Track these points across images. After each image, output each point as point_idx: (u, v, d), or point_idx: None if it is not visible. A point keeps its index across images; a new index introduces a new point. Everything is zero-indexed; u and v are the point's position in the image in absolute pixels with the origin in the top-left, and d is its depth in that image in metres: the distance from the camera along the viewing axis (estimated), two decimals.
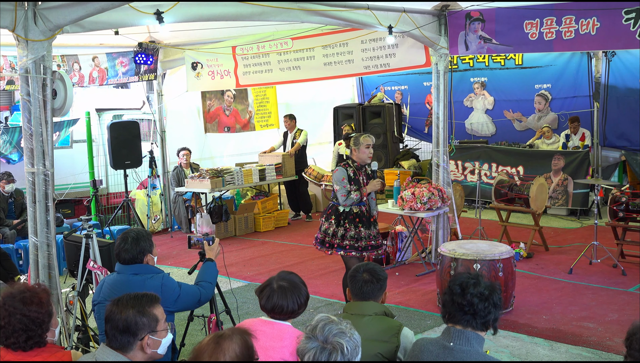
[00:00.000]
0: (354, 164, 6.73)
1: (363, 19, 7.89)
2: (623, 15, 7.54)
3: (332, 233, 6.70)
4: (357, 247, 6.63)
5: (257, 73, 11.01)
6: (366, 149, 6.65)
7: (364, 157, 6.69)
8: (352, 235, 6.61)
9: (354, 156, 6.75)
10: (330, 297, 7.71)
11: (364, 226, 6.65)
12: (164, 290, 4.28)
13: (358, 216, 6.65)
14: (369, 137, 6.70)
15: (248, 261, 9.62)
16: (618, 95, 12.51)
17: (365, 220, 6.68)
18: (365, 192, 6.62)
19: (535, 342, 6.26)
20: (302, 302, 3.73)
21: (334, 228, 6.69)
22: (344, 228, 6.64)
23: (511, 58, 13.58)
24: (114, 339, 3.18)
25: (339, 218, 6.68)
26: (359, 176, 6.69)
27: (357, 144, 6.67)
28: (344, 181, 6.61)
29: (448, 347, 3.31)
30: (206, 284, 4.71)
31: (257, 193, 12.58)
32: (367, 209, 6.73)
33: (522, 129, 13.78)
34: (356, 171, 6.69)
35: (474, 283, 3.35)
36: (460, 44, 8.84)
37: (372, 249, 6.73)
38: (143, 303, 3.26)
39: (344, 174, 6.64)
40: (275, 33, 10.36)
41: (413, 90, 15.26)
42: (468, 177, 13.02)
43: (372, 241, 6.73)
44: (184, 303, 4.50)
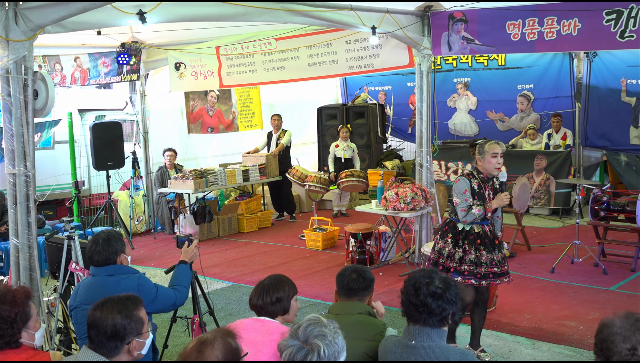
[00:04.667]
0: (480, 175, 5.71)
1: (346, 19, 7.90)
2: (604, 16, 7.60)
3: (447, 255, 5.71)
4: (477, 273, 5.59)
5: (241, 73, 10.99)
6: (492, 159, 5.63)
7: (490, 168, 5.67)
8: (471, 259, 5.60)
9: (479, 167, 5.73)
10: (314, 298, 7.72)
11: (486, 249, 5.62)
12: (141, 291, 4.26)
13: (479, 236, 5.65)
14: (497, 145, 5.68)
15: (232, 262, 9.60)
16: (599, 96, 12.62)
17: (489, 242, 5.65)
18: (490, 207, 5.60)
19: (517, 340, 6.30)
20: (280, 296, 3.78)
21: (450, 248, 5.70)
22: (462, 250, 5.64)
23: (494, 58, 13.65)
24: (101, 345, 3.14)
25: (457, 237, 5.70)
26: (485, 190, 5.68)
27: (482, 153, 5.68)
28: (466, 194, 5.60)
29: (410, 346, 3.36)
30: (181, 288, 4.70)
31: (241, 193, 12.56)
32: (491, 229, 5.75)
33: (505, 129, 13.85)
34: (481, 184, 5.68)
35: (426, 283, 3.38)
36: (444, 45, 8.87)
37: (495, 277, 5.63)
38: (129, 306, 3.24)
39: (467, 185, 5.64)
40: (259, 33, 10.35)
41: (397, 91, 15.30)
42: (451, 177, 13.06)
43: (495, 267, 5.64)
44: (160, 305, 4.48)
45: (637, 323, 2.70)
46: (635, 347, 2.62)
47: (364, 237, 9.10)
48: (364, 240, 9.11)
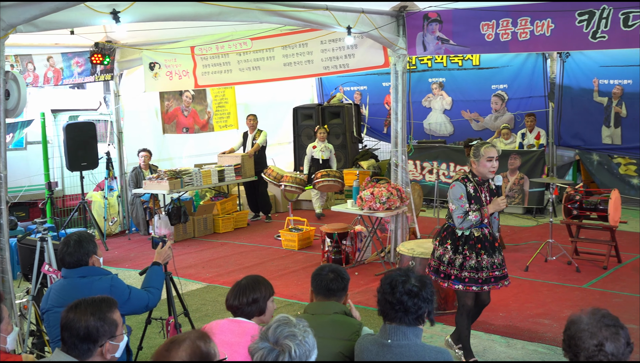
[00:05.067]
0: (475, 178, 5.61)
1: (322, 19, 7.91)
2: (576, 17, 7.69)
3: (448, 262, 5.63)
4: (478, 279, 5.53)
5: (216, 73, 10.95)
6: (488, 163, 5.50)
7: (485, 172, 5.54)
8: (472, 265, 5.52)
9: (474, 169, 5.62)
10: (290, 298, 7.71)
11: (486, 253, 5.55)
12: (114, 292, 4.22)
13: (480, 241, 5.57)
14: (493, 148, 5.56)
15: (207, 262, 9.56)
16: (572, 96, 12.75)
17: (489, 246, 5.58)
18: (487, 213, 5.53)
19: (492, 338, 6.35)
20: (257, 297, 3.77)
21: (451, 255, 5.62)
22: (462, 256, 5.57)
23: (469, 59, 13.73)
24: (74, 347, 3.11)
25: (457, 243, 5.61)
26: (481, 193, 5.59)
27: (477, 156, 5.55)
28: (462, 199, 5.51)
29: (386, 345, 3.38)
30: (154, 290, 4.67)
31: (216, 194, 12.52)
32: (490, 231, 5.66)
33: (480, 128, 13.94)
34: (477, 187, 5.58)
35: (402, 281, 3.40)
36: (418, 45, 8.91)
37: (496, 282, 5.60)
38: (102, 308, 3.21)
39: (462, 190, 5.54)
40: (234, 33, 10.32)
41: (372, 91, 15.34)
42: (426, 176, 13.13)
43: (496, 271, 5.58)
44: (133, 306, 4.45)
45: (603, 320, 2.73)
46: (602, 342, 2.65)
47: (339, 237, 9.11)
48: (340, 240, 9.12)
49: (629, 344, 2.69)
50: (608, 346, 2.64)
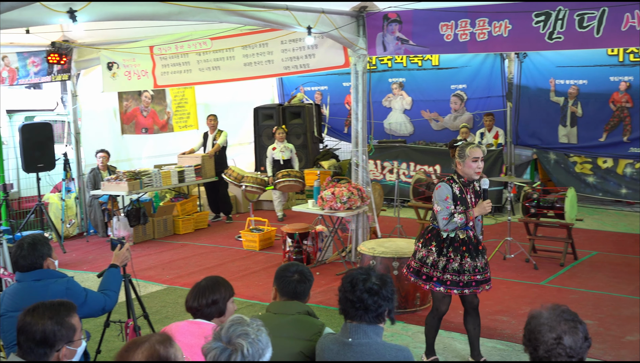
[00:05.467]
0: (460, 179, 5.52)
1: (282, 19, 7.89)
2: (533, 18, 7.79)
3: (431, 264, 5.54)
4: (459, 282, 5.44)
5: (175, 73, 10.85)
6: (473, 163, 5.42)
7: (470, 172, 5.46)
8: (455, 268, 5.44)
9: (459, 170, 5.54)
10: (251, 299, 7.68)
11: (470, 256, 5.46)
12: (69, 295, 4.16)
13: (465, 243, 5.48)
14: (478, 148, 5.47)
15: (167, 264, 9.48)
16: (530, 96, 12.95)
17: (473, 249, 5.49)
18: (472, 216, 5.44)
19: (452, 336, 6.41)
20: (216, 298, 3.75)
21: (435, 257, 5.52)
22: (446, 259, 5.47)
23: (428, 59, 13.85)
24: (30, 351, 3.05)
25: (441, 245, 5.52)
26: (466, 194, 5.51)
27: (463, 157, 5.46)
28: (448, 200, 5.41)
29: (347, 343, 3.39)
30: (111, 292, 4.61)
31: (176, 195, 12.41)
32: (475, 234, 5.57)
33: (439, 128, 14.07)
34: (463, 188, 5.50)
35: (363, 279, 3.41)
36: (378, 45, 8.95)
37: (477, 285, 5.50)
38: (61, 312, 3.16)
39: (448, 191, 5.44)
40: (193, 33, 10.23)
41: (333, 91, 15.37)
42: (387, 176, 13.20)
43: (478, 274, 5.50)
44: (90, 309, 4.39)
45: (563, 314, 2.77)
46: (561, 336, 2.70)
47: (300, 237, 9.11)
48: (301, 240, 9.11)
49: (586, 339, 2.74)
50: (566, 340, 2.68)
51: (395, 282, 6.75)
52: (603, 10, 7.40)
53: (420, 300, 7.11)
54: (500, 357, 5.90)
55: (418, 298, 7.08)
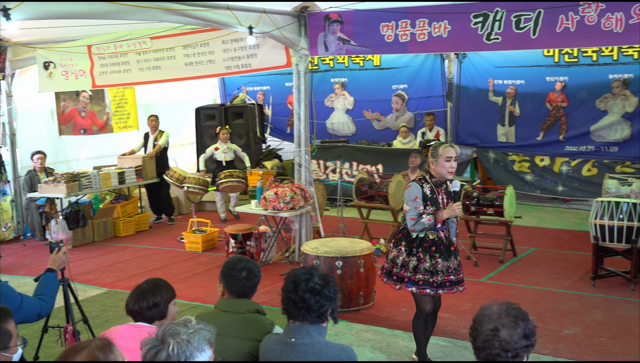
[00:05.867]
0: (432, 179, 5.42)
1: (223, 19, 7.84)
2: (472, 19, 7.93)
3: (401, 264, 5.47)
4: (432, 282, 5.36)
5: (114, 73, 10.67)
6: (446, 163, 5.31)
7: (443, 172, 5.35)
8: (426, 267, 5.36)
9: (432, 170, 5.43)
10: (194, 301, 7.61)
11: (441, 256, 5.39)
12: (3, 300, 4.04)
13: (435, 244, 5.40)
14: (451, 148, 5.36)
15: (107, 267, 9.31)
16: (469, 95, 13.17)
17: (444, 249, 5.42)
18: (441, 218, 5.33)
19: (395, 334, 6.47)
20: (157, 301, 3.70)
21: (404, 257, 5.45)
22: (416, 259, 5.40)
23: (370, 59, 13.95)
24: None
25: (411, 245, 5.44)
26: (438, 194, 5.41)
27: (436, 156, 5.35)
28: (417, 201, 5.32)
29: (290, 343, 3.38)
30: (47, 297, 4.49)
31: (117, 197, 12.20)
32: (447, 235, 5.48)
33: (381, 128, 14.18)
34: (434, 188, 5.40)
35: (306, 279, 3.41)
36: (320, 45, 8.98)
37: (451, 286, 5.44)
38: None
39: (418, 191, 5.34)
40: (133, 32, 10.07)
41: (275, 91, 15.35)
42: (330, 176, 13.24)
43: (452, 275, 5.44)
44: (25, 314, 4.27)
45: (508, 310, 2.81)
46: (498, 328, 2.74)
47: (244, 238, 9.06)
48: (244, 241, 9.07)
49: (527, 337, 2.76)
50: (503, 332, 2.73)
51: (338, 281, 6.79)
52: (539, 12, 7.58)
53: (363, 299, 7.15)
54: (442, 353, 5.98)
55: (361, 297, 7.13)
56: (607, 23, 7.27)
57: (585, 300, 7.38)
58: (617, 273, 7.94)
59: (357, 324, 6.76)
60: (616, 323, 6.66)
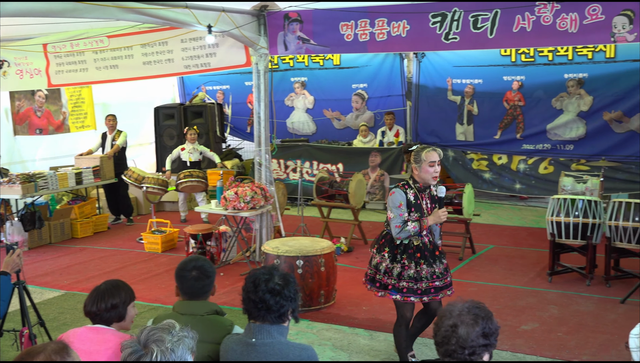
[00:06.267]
0: (416, 184, 5.30)
1: (182, 17, 7.78)
2: (430, 19, 8.00)
3: (384, 270, 5.35)
4: (417, 289, 5.23)
5: (71, 72, 10.51)
6: (430, 168, 5.18)
7: (427, 178, 5.22)
8: (410, 275, 5.24)
9: (415, 175, 5.30)
10: (153, 302, 7.53)
11: (426, 262, 5.27)
12: None
13: (419, 250, 5.28)
14: (434, 152, 5.23)
15: (65, 269, 9.16)
16: (428, 94, 13.27)
17: (429, 255, 5.30)
18: (426, 224, 5.23)
19: (356, 332, 6.49)
20: (116, 302, 3.66)
21: (388, 263, 5.33)
22: (400, 265, 5.28)
23: (329, 58, 13.97)
24: None
25: (395, 251, 5.33)
26: (422, 200, 5.30)
27: (419, 161, 5.22)
28: (401, 207, 5.20)
29: (250, 344, 3.37)
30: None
31: (74, 197, 12.01)
32: (431, 240, 5.38)
33: (341, 127, 14.21)
34: (418, 194, 5.28)
35: (266, 279, 3.39)
36: (280, 44, 8.96)
37: (436, 292, 5.31)
38: None
39: (402, 198, 5.22)
40: (90, 30, 9.93)
41: (235, 90, 15.28)
42: (290, 175, 13.24)
43: (437, 281, 5.31)
44: None
45: (471, 308, 2.85)
46: (457, 324, 2.78)
47: (204, 238, 9.01)
48: (204, 241, 9.02)
49: (486, 337, 2.79)
50: (461, 329, 2.77)
51: (299, 280, 6.78)
52: (496, 12, 7.68)
53: (324, 297, 7.16)
54: None
55: (322, 296, 7.14)
56: (562, 23, 7.40)
57: (542, 296, 7.50)
58: (573, 269, 8.09)
59: (318, 323, 6.77)
60: (572, 318, 6.79)
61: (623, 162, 11.39)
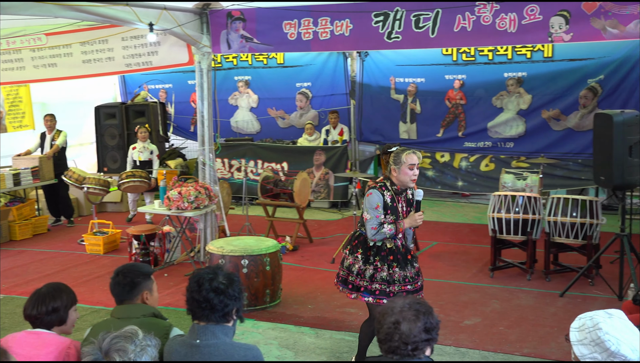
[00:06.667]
0: (393, 187, 5.24)
1: (122, 15, 7.66)
2: (373, 18, 8.06)
3: (357, 272, 5.29)
4: (389, 292, 5.16)
5: (7, 70, 10.25)
6: (409, 170, 5.13)
7: (406, 180, 5.17)
8: (383, 277, 5.20)
9: (393, 177, 5.24)
10: (95, 304, 7.41)
11: (399, 266, 5.23)
12: None
13: (392, 252, 5.24)
14: (414, 154, 5.17)
15: (3, 273, 8.92)
16: (372, 93, 13.36)
17: (402, 258, 5.27)
18: (403, 227, 5.21)
19: (301, 331, 6.50)
20: (57, 306, 3.60)
21: (360, 265, 5.28)
22: (373, 267, 5.23)
23: (273, 57, 13.94)
24: None
25: (368, 253, 5.28)
26: (398, 203, 5.25)
27: (398, 163, 5.16)
28: (378, 209, 5.14)
29: (195, 345, 3.34)
30: None
31: (12, 199, 11.71)
32: (403, 243, 5.34)
33: (286, 126, 14.21)
34: (394, 196, 5.23)
35: (210, 279, 3.37)
36: (223, 43, 8.91)
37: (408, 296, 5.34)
38: None
39: (380, 200, 5.16)
40: (27, 28, 9.69)
41: (177, 89, 15.12)
42: (235, 174, 13.17)
43: (408, 285, 5.26)
44: None
45: (412, 304, 2.89)
46: (399, 321, 2.82)
47: (147, 239, 8.89)
48: (148, 242, 8.90)
49: (428, 331, 2.84)
50: (403, 326, 2.81)
51: (244, 279, 6.77)
52: (437, 12, 7.78)
53: (270, 297, 7.15)
54: (348, 348, 6.05)
55: (268, 295, 7.12)
56: (502, 23, 7.54)
57: (484, 291, 7.64)
58: (514, 264, 8.27)
59: (263, 322, 6.76)
60: (513, 312, 6.94)
61: (561, 159, 11.67)
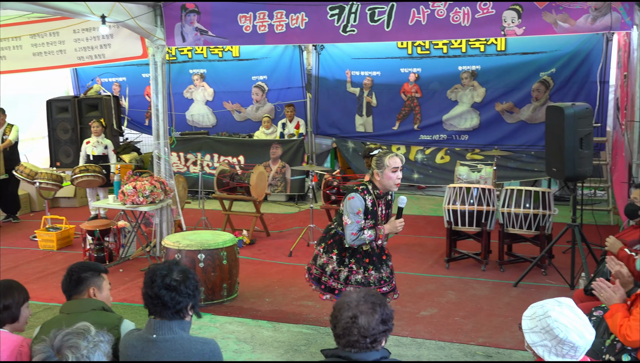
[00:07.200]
0: (375, 190, 5.10)
1: (73, 7, 7.52)
2: (328, 11, 8.07)
3: (330, 273, 5.22)
4: None
5: None
6: (393, 174, 4.99)
7: (389, 184, 5.05)
8: (358, 280, 5.14)
9: (376, 181, 5.09)
10: (49, 301, 7.28)
11: (374, 268, 5.18)
12: None
13: (368, 255, 5.18)
14: (397, 157, 5.03)
15: None
16: (328, 86, 13.38)
17: (377, 260, 5.21)
18: (383, 234, 5.10)
19: (259, 324, 6.49)
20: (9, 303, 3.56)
21: (335, 266, 5.21)
22: (348, 270, 5.17)
23: (229, 50, 13.86)
24: None
25: (343, 254, 5.20)
26: (378, 206, 5.13)
27: (381, 167, 5.02)
28: (359, 214, 5.00)
29: (151, 340, 3.32)
30: None
31: None
32: (378, 244, 5.23)
33: (242, 119, 14.14)
34: (375, 201, 5.09)
35: (163, 275, 3.34)
36: (177, 36, 8.82)
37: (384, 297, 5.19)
38: None
39: (362, 204, 5.01)
40: None
41: (132, 82, 14.93)
42: (190, 168, 13.08)
43: (384, 286, 5.22)
44: None
45: (366, 297, 2.92)
46: (357, 315, 2.84)
47: (101, 234, 8.77)
48: (102, 237, 8.78)
49: (385, 322, 2.88)
50: (361, 319, 2.83)
51: (201, 274, 6.73)
52: (392, 6, 7.83)
53: (227, 291, 7.12)
54: (306, 341, 6.06)
55: (225, 289, 7.09)
56: (456, 17, 7.63)
57: (440, 282, 7.73)
58: (469, 255, 8.38)
59: (221, 317, 6.73)
60: (469, 302, 7.03)
61: (514, 151, 11.86)
